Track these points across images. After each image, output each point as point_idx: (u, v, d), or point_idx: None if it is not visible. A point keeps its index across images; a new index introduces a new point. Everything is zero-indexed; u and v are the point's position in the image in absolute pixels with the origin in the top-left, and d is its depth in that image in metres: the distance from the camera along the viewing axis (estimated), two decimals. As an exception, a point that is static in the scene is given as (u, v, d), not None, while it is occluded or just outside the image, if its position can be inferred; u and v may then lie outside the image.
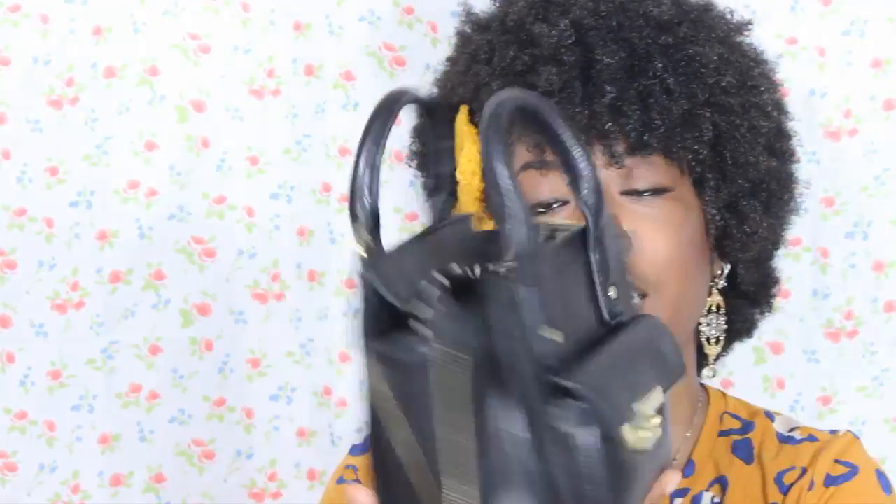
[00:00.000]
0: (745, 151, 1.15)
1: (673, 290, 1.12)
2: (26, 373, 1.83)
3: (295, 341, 1.84)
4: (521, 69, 1.14)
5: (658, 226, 1.12)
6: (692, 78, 1.13)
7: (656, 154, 1.12)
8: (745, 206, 1.16)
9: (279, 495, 1.86)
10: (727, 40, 1.17)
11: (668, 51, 1.13)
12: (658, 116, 1.11)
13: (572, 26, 1.13)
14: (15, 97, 1.80)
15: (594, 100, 1.11)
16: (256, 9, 1.79)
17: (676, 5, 1.17)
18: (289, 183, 1.82)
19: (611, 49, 1.12)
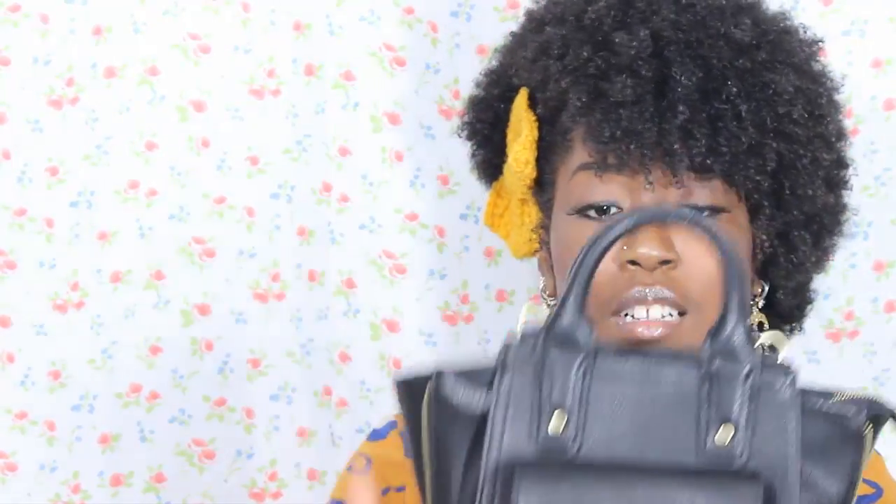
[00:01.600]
0: (804, 184, 1.15)
1: (713, 310, 1.10)
2: (26, 373, 1.83)
3: (295, 341, 1.84)
4: (595, 73, 1.13)
5: (709, 246, 1.11)
6: (764, 106, 1.12)
7: (717, 178, 1.13)
8: (797, 238, 1.17)
9: (279, 495, 1.86)
10: (802, 67, 1.16)
11: (744, 75, 1.12)
12: (725, 143, 1.11)
13: (651, 37, 1.12)
14: (15, 97, 1.80)
15: (665, 118, 1.10)
16: (256, 9, 1.79)
17: (756, 24, 1.15)
18: (289, 183, 1.82)
19: (688, 67, 1.11)
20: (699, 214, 1.05)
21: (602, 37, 1.14)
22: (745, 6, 1.18)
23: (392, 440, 1.26)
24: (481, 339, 1.79)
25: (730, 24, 1.14)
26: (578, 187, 1.14)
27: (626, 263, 1.11)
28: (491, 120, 1.25)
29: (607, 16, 1.14)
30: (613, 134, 1.10)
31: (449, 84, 1.74)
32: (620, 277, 1.11)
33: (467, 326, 1.80)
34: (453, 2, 1.74)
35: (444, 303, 1.80)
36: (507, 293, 1.77)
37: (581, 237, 1.12)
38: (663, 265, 1.10)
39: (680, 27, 1.13)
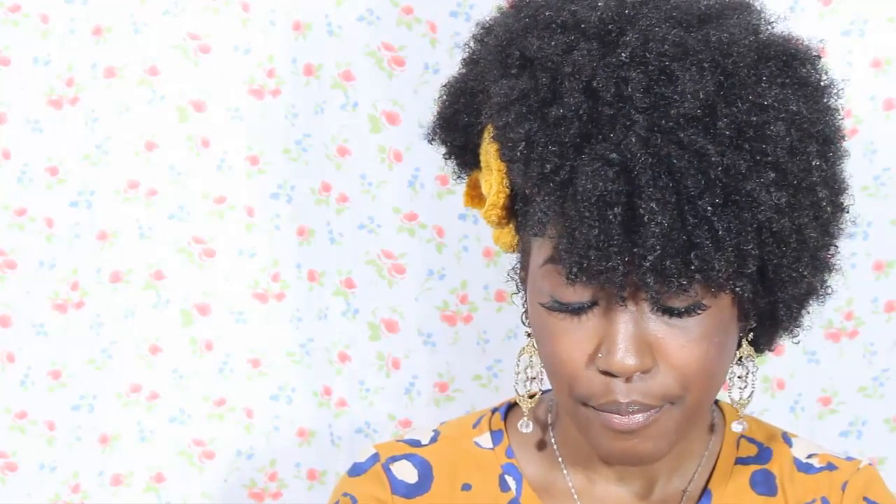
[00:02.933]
0: (788, 268, 1.09)
1: (696, 395, 1.10)
2: (26, 373, 1.83)
3: (295, 341, 1.84)
4: (559, 188, 1.05)
5: (687, 341, 1.08)
6: (742, 218, 1.04)
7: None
8: (783, 314, 1.13)
9: (279, 495, 1.86)
10: (785, 160, 1.06)
11: (719, 190, 1.03)
12: (701, 267, 1.04)
13: (619, 160, 1.03)
14: (15, 97, 1.80)
15: (635, 252, 1.03)
16: (256, 9, 1.79)
17: (732, 121, 1.05)
18: (289, 183, 1.82)
19: (659, 190, 1.02)
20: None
21: (569, 142, 1.05)
22: (723, 85, 1.06)
23: (374, 474, 1.23)
24: (480, 338, 1.79)
25: (705, 131, 1.04)
26: (548, 281, 1.09)
27: (604, 372, 1.08)
28: (461, 143, 1.20)
29: (575, 118, 1.05)
30: (581, 266, 1.04)
31: (448, 84, 1.74)
32: (596, 381, 1.08)
33: (466, 326, 1.80)
34: (453, 2, 1.74)
35: (442, 303, 1.80)
36: (506, 293, 1.77)
37: (554, 325, 1.09)
38: (639, 373, 1.07)
39: (650, 143, 1.03)
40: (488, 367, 1.80)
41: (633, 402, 1.08)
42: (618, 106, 1.04)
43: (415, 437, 1.25)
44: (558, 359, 1.09)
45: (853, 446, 1.74)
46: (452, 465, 1.23)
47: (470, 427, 1.26)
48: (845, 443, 1.74)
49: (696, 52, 1.05)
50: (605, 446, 1.11)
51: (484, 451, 1.24)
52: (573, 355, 1.09)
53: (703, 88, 1.04)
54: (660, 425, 1.09)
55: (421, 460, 1.23)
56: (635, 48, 1.05)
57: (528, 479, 1.22)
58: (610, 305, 1.07)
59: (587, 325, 1.08)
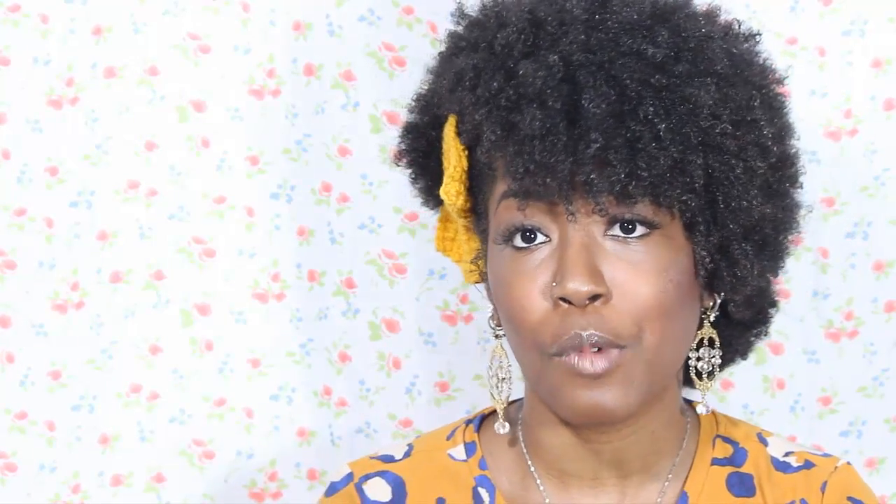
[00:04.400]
0: (738, 196, 1.10)
1: (653, 337, 1.10)
2: (26, 373, 1.83)
3: (295, 341, 1.84)
4: (506, 104, 1.09)
5: (641, 270, 1.09)
6: (685, 122, 1.08)
7: (643, 200, 1.09)
8: (737, 251, 1.13)
9: (279, 495, 1.86)
10: (728, 74, 1.11)
11: (661, 93, 1.07)
12: (646, 166, 1.06)
13: (561, 61, 1.08)
14: (15, 97, 1.80)
15: (579, 148, 1.06)
16: (256, 9, 1.79)
17: (674, 35, 1.10)
18: (289, 183, 1.82)
19: (600, 91, 1.07)
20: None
21: (512, 64, 1.10)
22: (664, 14, 1.12)
23: (347, 495, 1.23)
24: (480, 338, 1.79)
25: (643, 39, 1.09)
26: (503, 214, 1.12)
27: (558, 300, 1.09)
28: (424, 148, 1.22)
29: (517, 41, 1.10)
30: (527, 168, 1.07)
31: (449, 84, 1.74)
32: (554, 318, 1.09)
33: (467, 326, 1.80)
34: (453, 2, 1.74)
35: (443, 302, 1.80)
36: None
37: (508, 269, 1.11)
38: (594, 300, 1.08)
39: (590, 48, 1.08)
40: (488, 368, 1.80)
41: (591, 335, 1.08)
42: (559, 27, 1.10)
43: (388, 453, 1.25)
44: (516, 302, 1.10)
45: (853, 446, 1.75)
46: (426, 479, 1.23)
47: (444, 439, 1.25)
48: (845, 443, 1.75)
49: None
50: (573, 399, 1.10)
51: (457, 463, 1.23)
52: (528, 291, 1.10)
53: (640, 7, 1.11)
54: (623, 372, 1.09)
55: (394, 477, 1.23)
56: None
57: (501, 491, 1.21)
58: (562, 236, 1.09)
59: (540, 260, 1.10)
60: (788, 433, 1.71)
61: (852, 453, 1.74)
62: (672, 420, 1.20)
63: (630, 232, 1.10)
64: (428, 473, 1.23)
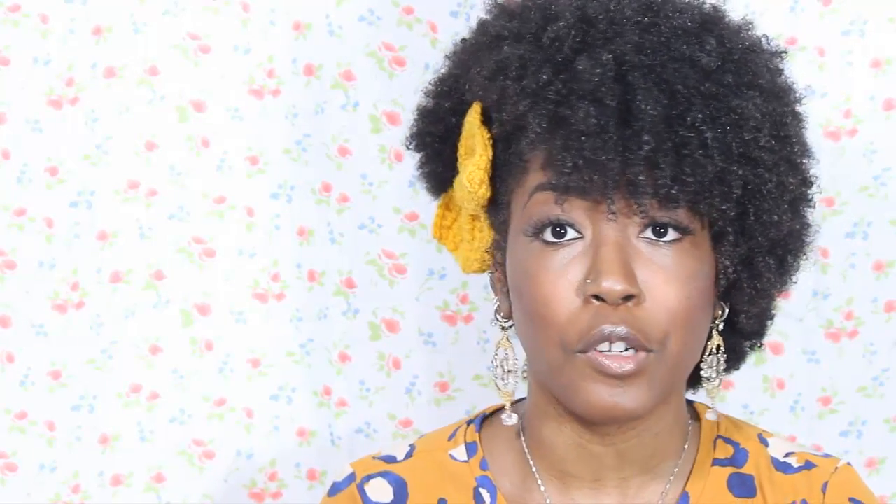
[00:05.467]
0: (769, 209, 1.12)
1: (677, 345, 1.11)
2: (26, 373, 1.83)
3: (295, 341, 1.84)
4: (555, 98, 1.09)
5: (671, 275, 1.09)
6: (730, 132, 1.08)
7: (682, 206, 1.09)
8: (761, 264, 1.14)
9: (279, 495, 1.86)
10: (768, 88, 1.12)
11: (710, 101, 1.08)
12: (691, 171, 1.07)
13: (614, 61, 1.08)
14: (15, 97, 1.80)
15: (629, 148, 1.06)
16: (256, 9, 1.79)
17: (721, 43, 1.11)
18: (289, 183, 1.82)
19: (653, 94, 1.07)
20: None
21: (563, 59, 1.09)
22: (709, 22, 1.13)
23: (349, 496, 1.23)
24: (480, 338, 1.79)
25: (695, 46, 1.10)
26: (536, 207, 1.11)
27: (590, 297, 1.08)
28: (441, 133, 1.21)
29: (568, 36, 1.10)
30: (576, 163, 1.07)
31: (448, 84, 1.74)
32: (583, 315, 1.09)
33: (467, 326, 1.80)
34: (453, 2, 1.74)
35: (443, 303, 1.80)
36: (507, 293, 1.77)
37: (536, 263, 1.11)
38: (627, 300, 1.08)
39: (643, 51, 1.08)
40: (489, 367, 1.79)
41: (621, 332, 1.08)
42: (611, 27, 1.10)
43: (390, 454, 1.25)
44: (543, 297, 1.10)
45: (853, 446, 1.75)
46: (427, 480, 1.23)
47: (445, 440, 1.25)
48: (845, 443, 1.75)
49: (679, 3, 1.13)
50: (592, 396, 1.10)
51: (458, 464, 1.23)
52: (558, 287, 1.09)
53: (690, 13, 1.11)
54: (647, 375, 1.09)
55: (396, 478, 1.23)
56: None
57: (502, 492, 1.21)
58: (596, 234, 1.09)
59: (571, 256, 1.10)
60: (788, 433, 1.71)
61: (852, 453, 1.74)
62: (676, 422, 1.20)
63: (662, 236, 1.10)
64: (429, 474, 1.23)
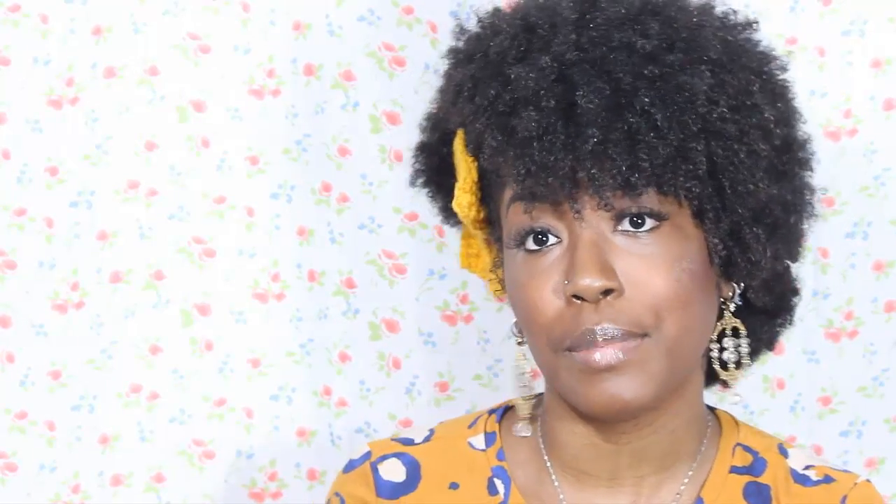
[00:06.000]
0: (744, 179, 1.10)
1: (673, 327, 1.10)
2: (26, 373, 1.83)
3: (295, 341, 1.84)
4: (503, 110, 1.10)
5: (654, 263, 1.09)
6: (682, 110, 1.08)
7: (647, 191, 1.08)
8: (748, 235, 1.12)
9: (279, 495, 1.86)
10: (723, 60, 1.11)
11: (655, 83, 1.08)
12: (646, 156, 1.07)
13: (553, 62, 1.09)
14: (15, 97, 1.80)
15: (577, 144, 1.07)
16: (256, 9, 1.79)
17: (666, 26, 1.11)
18: (289, 183, 1.82)
19: (594, 87, 1.07)
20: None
21: (507, 70, 1.10)
22: (654, 8, 1.12)
23: (362, 473, 1.23)
24: (480, 338, 1.79)
25: (634, 32, 1.09)
26: (513, 219, 1.12)
27: (571, 297, 1.09)
28: (437, 165, 1.22)
29: (510, 48, 1.11)
30: (528, 170, 1.07)
31: (448, 84, 1.74)
32: (567, 315, 1.09)
33: (467, 326, 1.80)
34: (453, 2, 1.74)
35: (443, 302, 1.80)
36: (507, 293, 1.77)
37: (521, 271, 1.11)
38: (606, 295, 1.08)
39: (581, 47, 1.09)
40: (489, 367, 1.80)
41: (605, 327, 1.08)
42: (551, 30, 1.10)
43: (409, 436, 1.25)
44: (530, 301, 1.10)
45: (853, 446, 1.75)
46: (443, 464, 1.23)
47: (466, 427, 1.25)
48: (845, 443, 1.75)
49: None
50: (588, 393, 1.10)
51: (476, 452, 1.23)
52: (541, 291, 1.10)
53: (629, 2, 1.11)
54: (640, 361, 1.09)
55: (411, 459, 1.23)
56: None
57: (516, 484, 1.21)
58: (572, 235, 1.09)
59: (552, 260, 1.10)
60: (788, 433, 1.71)
61: (852, 453, 1.74)
62: (693, 420, 1.19)
63: (639, 226, 1.10)
64: (445, 459, 1.23)
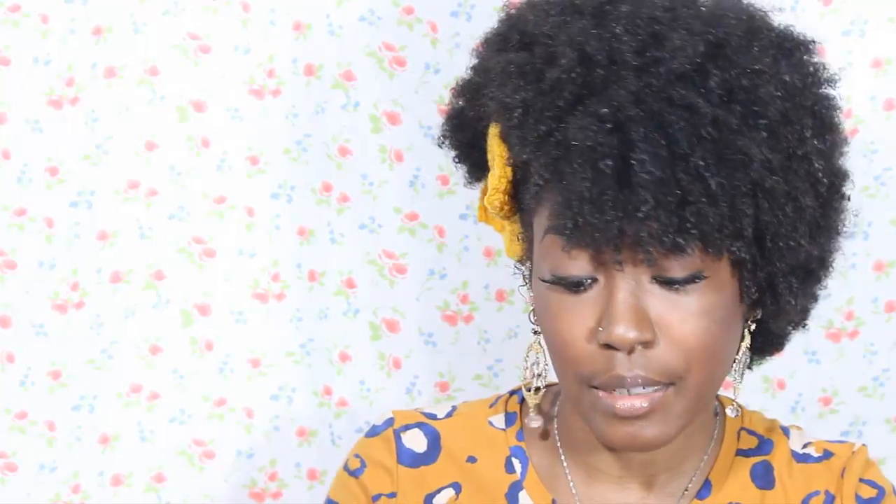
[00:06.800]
0: (786, 236, 1.10)
1: (700, 375, 1.10)
2: (26, 373, 1.83)
3: (295, 341, 1.84)
4: (554, 152, 1.07)
5: (689, 315, 1.08)
6: (736, 175, 1.06)
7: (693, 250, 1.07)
8: (782, 285, 1.13)
9: (279, 495, 1.86)
10: (782, 111, 1.08)
11: (711, 145, 1.05)
12: (695, 222, 1.05)
13: (611, 114, 1.05)
14: (15, 97, 1.80)
15: (628, 206, 1.04)
16: (256, 9, 1.79)
17: (726, 76, 1.07)
18: (289, 183, 1.82)
19: (651, 149, 1.04)
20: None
21: (562, 106, 1.08)
22: (716, 48, 1.08)
23: (384, 439, 1.25)
24: (481, 338, 1.79)
25: (695, 88, 1.06)
26: (549, 254, 1.10)
27: (603, 345, 1.08)
28: (468, 140, 1.21)
29: (567, 81, 1.08)
30: (576, 223, 1.06)
31: (449, 84, 1.73)
32: (599, 357, 1.09)
33: (467, 326, 1.80)
34: (453, 2, 1.74)
35: (443, 303, 1.80)
36: (507, 293, 1.77)
37: (555, 304, 1.10)
38: (640, 345, 1.08)
39: (641, 101, 1.06)
40: (489, 367, 1.80)
41: (636, 376, 1.08)
42: (610, 69, 1.07)
43: (432, 411, 1.27)
44: (560, 338, 1.10)
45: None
46: (462, 438, 1.24)
47: (487, 406, 1.27)
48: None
49: (686, 18, 1.09)
50: (609, 432, 1.11)
51: (495, 430, 1.24)
52: (574, 332, 1.09)
53: (692, 47, 1.07)
54: (664, 408, 1.09)
55: (432, 430, 1.25)
56: (628, 18, 1.08)
57: (534, 466, 1.22)
58: (609, 279, 1.08)
59: (587, 301, 1.09)
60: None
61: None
62: (705, 420, 1.20)
63: (679, 281, 1.09)
64: (465, 433, 1.25)
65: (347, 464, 1.26)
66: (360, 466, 1.25)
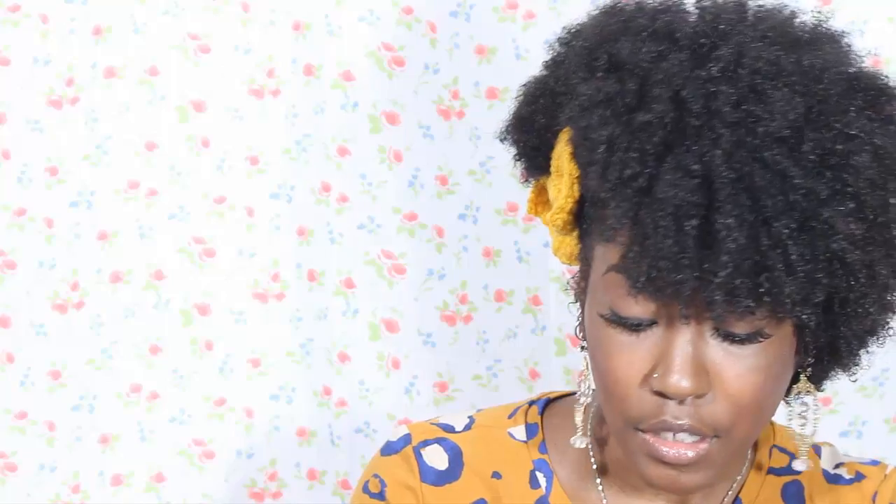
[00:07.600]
0: (855, 303, 1.07)
1: (745, 428, 1.08)
2: (26, 373, 1.83)
3: (295, 341, 1.84)
4: (636, 197, 1.03)
5: (746, 371, 1.06)
6: (817, 245, 1.02)
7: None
8: (843, 348, 1.11)
9: (279, 495, 1.86)
10: (869, 179, 1.04)
11: (798, 214, 1.02)
12: (770, 289, 1.01)
13: (701, 171, 1.01)
14: (15, 97, 1.80)
15: (706, 267, 1.01)
16: (256, 9, 1.79)
17: (821, 139, 1.03)
18: (289, 183, 1.82)
19: (737, 213, 1.00)
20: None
21: (651, 150, 1.03)
22: (812, 111, 1.04)
23: (404, 457, 1.21)
24: (480, 338, 1.79)
25: (790, 154, 1.02)
26: (612, 290, 1.07)
27: (656, 392, 1.06)
28: (535, 144, 1.16)
29: (659, 126, 1.03)
30: (649, 276, 1.02)
31: (448, 84, 1.74)
32: (648, 401, 1.07)
33: (466, 326, 1.80)
34: (452, 2, 1.74)
35: (442, 303, 1.80)
36: (506, 293, 1.77)
37: (610, 340, 1.08)
38: (694, 397, 1.06)
39: (733, 161, 1.01)
40: (488, 367, 1.80)
41: (683, 425, 1.06)
42: (705, 118, 1.03)
43: (449, 423, 1.23)
44: (613, 377, 1.08)
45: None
46: (484, 453, 1.21)
47: (505, 417, 1.24)
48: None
49: (789, 73, 1.04)
50: (652, 474, 1.09)
51: (517, 443, 1.22)
52: (628, 373, 1.07)
53: (793, 110, 1.02)
54: (706, 459, 1.08)
55: (453, 446, 1.21)
56: (727, 63, 1.04)
57: (559, 479, 1.21)
58: (670, 325, 1.06)
59: (645, 343, 1.06)
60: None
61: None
62: (740, 456, 1.20)
63: (742, 340, 1.06)
64: (487, 448, 1.22)
65: (367, 486, 1.21)
66: (381, 488, 1.21)
